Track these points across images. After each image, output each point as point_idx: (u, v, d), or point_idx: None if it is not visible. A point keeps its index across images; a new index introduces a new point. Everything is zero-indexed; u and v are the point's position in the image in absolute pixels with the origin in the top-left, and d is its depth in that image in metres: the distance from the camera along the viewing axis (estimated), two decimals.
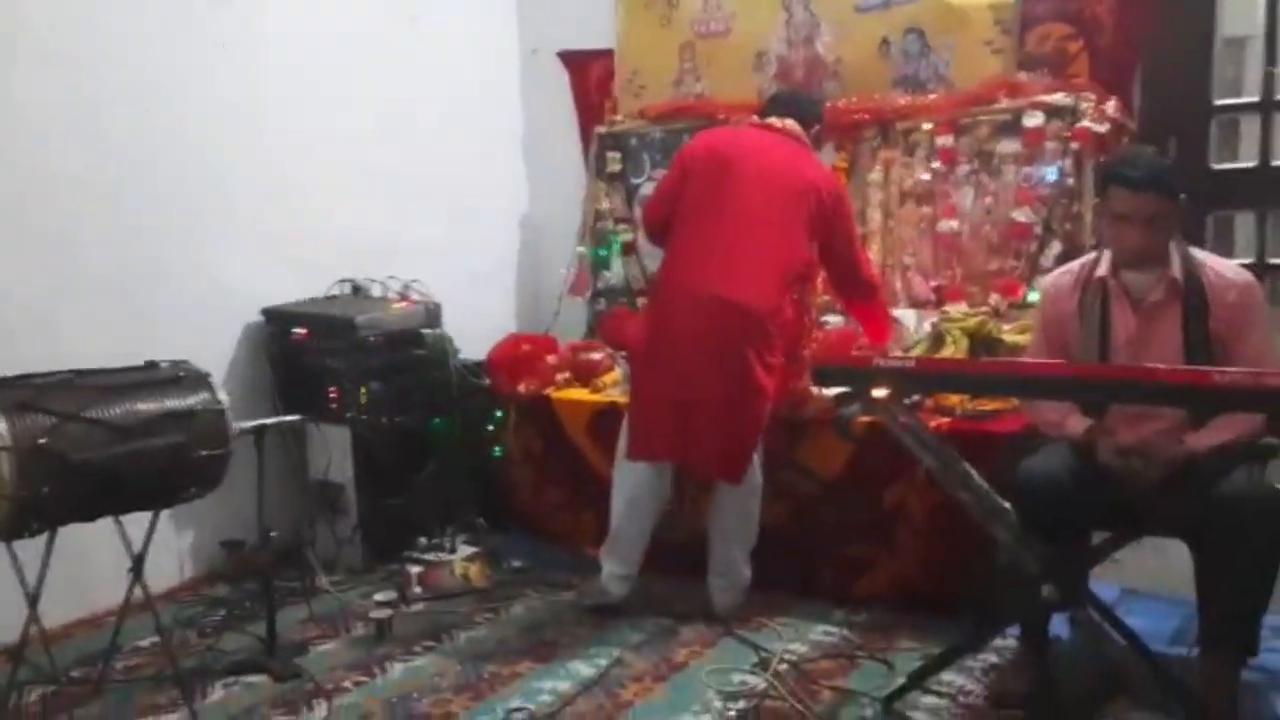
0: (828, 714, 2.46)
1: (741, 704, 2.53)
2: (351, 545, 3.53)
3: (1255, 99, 3.47)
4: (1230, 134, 3.62)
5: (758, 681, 2.63)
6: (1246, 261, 3.30)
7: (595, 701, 2.56)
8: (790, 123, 3.14)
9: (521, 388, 3.72)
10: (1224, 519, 2.16)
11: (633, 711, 2.52)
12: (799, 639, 2.89)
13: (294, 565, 3.31)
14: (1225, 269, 2.52)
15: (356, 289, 3.79)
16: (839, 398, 3.10)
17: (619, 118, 4.33)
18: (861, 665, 2.73)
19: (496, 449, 3.77)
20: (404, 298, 3.81)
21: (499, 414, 3.77)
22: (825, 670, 2.69)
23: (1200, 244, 3.12)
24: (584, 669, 2.74)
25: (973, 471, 2.38)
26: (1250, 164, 3.39)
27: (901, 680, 2.53)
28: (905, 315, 3.62)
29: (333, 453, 3.52)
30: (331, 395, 3.50)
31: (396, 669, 2.78)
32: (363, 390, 3.48)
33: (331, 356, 3.49)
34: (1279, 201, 3.42)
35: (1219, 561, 2.27)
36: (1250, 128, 3.48)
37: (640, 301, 4.09)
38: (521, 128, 4.74)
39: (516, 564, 3.52)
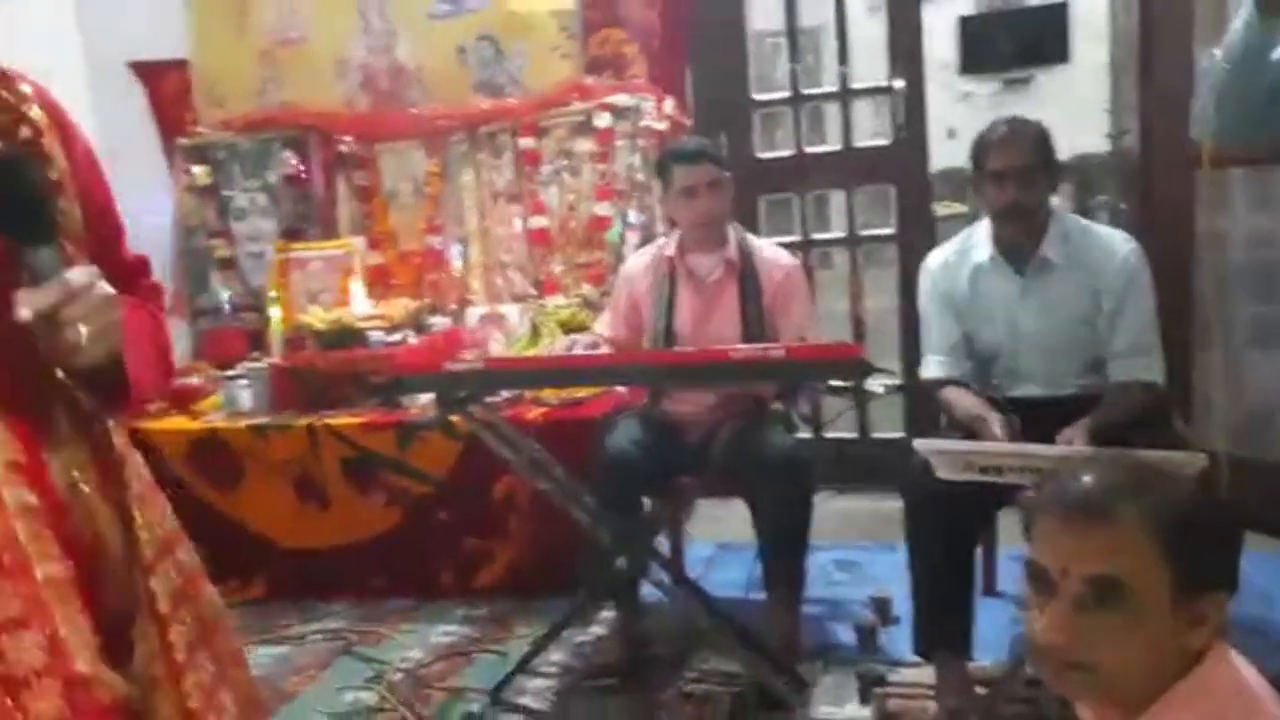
0: (437, 716, 2.52)
1: None
2: None
3: (787, 94, 3.88)
4: (773, 125, 4.03)
5: (370, 696, 2.65)
6: (793, 239, 3.72)
7: None
8: None
9: None
10: (760, 475, 2.46)
11: None
12: (419, 645, 2.93)
13: None
14: (773, 252, 2.89)
15: None
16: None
17: (201, 129, 4.12)
18: (476, 660, 2.82)
19: None
20: None
21: None
22: (440, 672, 2.75)
23: (754, 228, 3.49)
24: None
25: (548, 458, 2.53)
26: (788, 152, 3.80)
27: (510, 669, 2.63)
28: (509, 311, 3.74)
29: None
30: None
31: None
32: None
33: None
34: (814, 184, 3.87)
35: (763, 512, 2.57)
36: (787, 119, 3.88)
37: (246, 317, 3.98)
38: (98, 144, 4.35)
39: None
